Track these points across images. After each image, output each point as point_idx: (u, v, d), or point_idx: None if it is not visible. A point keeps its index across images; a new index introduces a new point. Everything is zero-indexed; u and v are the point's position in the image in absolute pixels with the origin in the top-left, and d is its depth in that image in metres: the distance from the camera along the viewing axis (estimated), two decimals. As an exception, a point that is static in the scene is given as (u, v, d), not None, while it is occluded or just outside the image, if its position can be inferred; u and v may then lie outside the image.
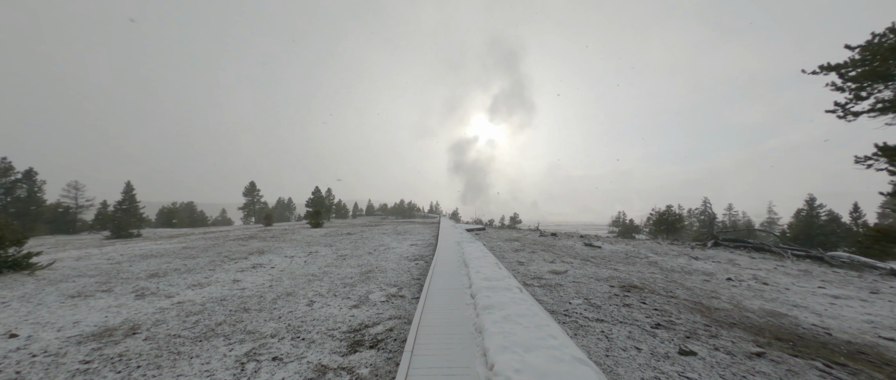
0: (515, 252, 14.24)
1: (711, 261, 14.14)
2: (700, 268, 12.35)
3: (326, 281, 8.90)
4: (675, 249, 17.84)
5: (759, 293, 8.94)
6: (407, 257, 12.69)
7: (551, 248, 16.27)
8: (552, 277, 9.13)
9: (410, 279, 8.90)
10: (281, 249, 15.60)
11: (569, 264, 11.40)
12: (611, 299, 6.94)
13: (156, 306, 6.72)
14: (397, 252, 14.20)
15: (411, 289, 7.82)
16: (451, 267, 9.28)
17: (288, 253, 14.32)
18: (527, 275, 9.52)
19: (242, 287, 8.30)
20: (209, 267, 11.00)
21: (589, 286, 8.11)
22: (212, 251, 14.83)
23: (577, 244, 18.51)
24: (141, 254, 14.12)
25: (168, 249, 15.51)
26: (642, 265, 12.27)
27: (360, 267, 10.87)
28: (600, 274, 9.84)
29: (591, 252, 15.43)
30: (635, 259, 13.70)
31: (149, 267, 11.00)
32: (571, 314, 5.82)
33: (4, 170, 24.75)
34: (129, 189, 35.45)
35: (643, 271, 10.90)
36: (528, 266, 10.93)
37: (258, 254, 14.03)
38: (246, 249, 15.30)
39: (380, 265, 11.12)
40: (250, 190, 49.79)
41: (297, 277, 9.47)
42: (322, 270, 10.51)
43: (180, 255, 13.83)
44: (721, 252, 16.97)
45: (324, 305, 6.71)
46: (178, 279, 9.16)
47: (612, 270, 10.70)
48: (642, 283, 8.86)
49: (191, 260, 12.51)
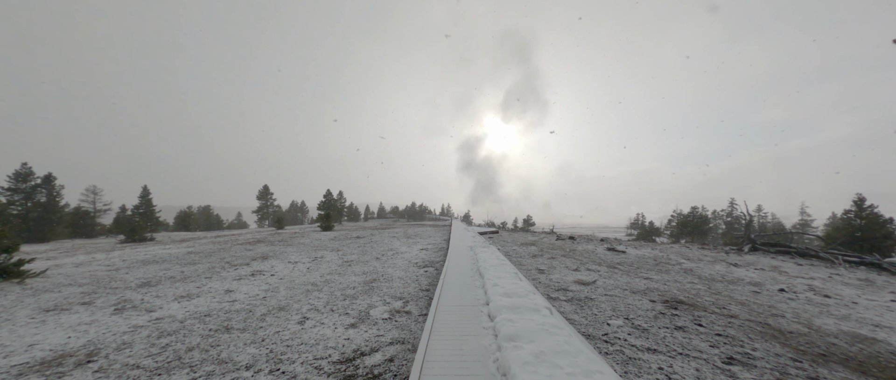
0: (533, 258, 13.05)
1: (753, 268, 12.62)
2: (743, 276, 10.91)
3: (326, 292, 7.98)
4: (707, 254, 16.27)
5: (824, 309, 7.55)
6: (416, 264, 11.69)
7: (571, 253, 15.00)
8: (579, 289, 7.95)
9: (418, 291, 7.88)
10: (286, 254, 14.85)
11: (595, 273, 10.17)
12: (657, 318, 5.74)
13: (131, 322, 5.90)
14: (406, 258, 13.23)
15: (419, 303, 6.80)
16: (464, 277, 8.21)
17: (292, 258, 13.53)
18: (550, 286, 8.36)
19: (233, 299, 7.45)
20: (206, 274, 10.26)
21: (626, 301, 6.90)
22: (215, 256, 14.19)
23: (599, 249, 17.15)
24: (144, 259, 13.57)
25: (173, 255, 14.97)
26: (677, 273, 10.92)
27: (364, 275, 9.93)
28: (634, 285, 8.58)
29: (615, 258, 14.09)
30: (667, 266, 12.33)
31: (145, 274, 10.34)
32: (614, 341, 4.67)
33: (25, 175, 25.02)
34: (145, 193, 35.74)
35: (681, 281, 9.58)
36: (549, 274, 9.75)
37: (261, 259, 13.29)
38: (250, 255, 14.60)
39: (386, 273, 10.16)
40: (264, 193, 49.89)
41: (295, 286, 8.59)
42: (324, 278, 9.61)
43: (182, 260, 13.20)
44: (760, 258, 15.34)
45: (317, 323, 5.75)
46: (168, 289, 8.39)
47: (646, 280, 9.42)
48: (687, 296, 7.58)
49: (190, 266, 11.84)
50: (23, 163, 25.01)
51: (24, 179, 24.98)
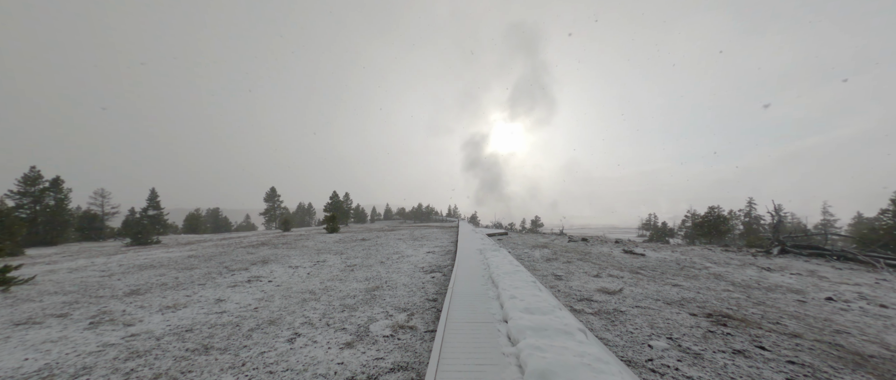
0: (547, 262, 12.15)
1: (788, 273, 11.54)
2: (780, 282, 9.86)
3: (324, 301, 7.23)
4: (733, 257, 15.16)
5: (888, 321, 6.55)
6: (422, 268, 10.90)
7: (587, 256, 14.05)
8: (605, 300, 7.05)
9: (424, 300, 7.08)
10: (288, 257, 14.19)
11: (618, 279, 9.24)
12: (707, 338, 4.84)
13: (102, 340, 5.22)
14: (412, 261, 12.45)
15: (425, 317, 6.00)
16: (475, 285, 7.39)
17: (293, 263, 12.86)
18: (571, 295, 7.48)
19: (223, 310, 6.74)
20: (201, 281, 9.61)
21: (662, 314, 6.00)
22: (215, 261, 13.60)
23: (615, 251, 16.15)
24: (141, 264, 13.04)
25: (172, 259, 14.43)
26: (707, 279, 9.93)
27: (367, 281, 9.17)
28: (666, 294, 7.65)
29: (635, 262, 13.11)
30: (693, 271, 11.32)
31: (137, 281, 9.73)
32: (662, 370, 3.81)
33: (33, 178, 24.94)
34: (153, 196, 35.66)
35: (715, 289, 8.61)
36: (568, 281, 8.86)
37: (261, 264, 12.64)
38: (251, 258, 13.98)
39: (390, 279, 9.39)
40: (271, 196, 49.69)
41: (292, 295, 7.86)
42: (324, 285, 8.88)
43: (180, 265, 12.63)
44: (792, 261, 14.18)
45: (309, 341, 4.99)
46: (156, 298, 7.74)
47: (676, 288, 8.48)
48: (730, 309, 6.64)
49: (187, 271, 11.23)
50: (31, 166, 24.95)
51: (33, 182, 24.89)
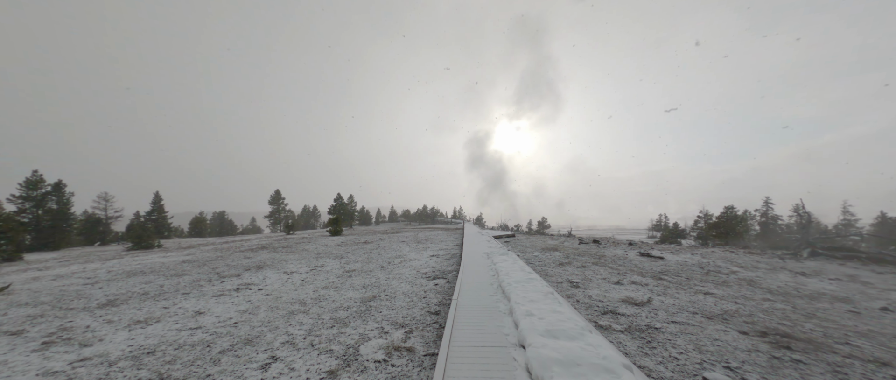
0: (560, 267, 11.19)
1: (826, 278, 10.43)
2: (821, 289, 8.79)
3: (313, 314, 6.40)
4: (760, 259, 14.04)
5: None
6: (425, 274, 10.02)
7: (602, 259, 13.05)
8: (633, 313, 6.10)
9: (425, 313, 6.20)
10: (285, 262, 13.43)
11: (642, 287, 8.27)
12: (774, 367, 3.89)
13: (46, 365, 4.43)
14: (414, 266, 11.59)
15: (425, 334, 5.12)
16: (483, 295, 6.50)
17: (289, 268, 12.08)
18: (592, 306, 6.54)
19: (198, 325, 5.94)
20: (186, 289, 8.85)
21: (706, 332, 5.05)
22: (209, 266, 12.88)
23: (631, 254, 15.11)
24: (131, 270, 12.36)
25: (166, 264, 13.76)
26: (739, 286, 8.90)
27: (364, 289, 8.32)
28: (702, 305, 6.67)
29: (654, 265, 12.08)
30: (720, 276, 10.28)
31: (118, 290, 9.01)
32: (732, 418, 2.89)
33: (35, 183, 24.63)
34: (157, 199, 35.34)
35: (753, 298, 7.59)
36: (586, 289, 7.91)
37: (256, 269, 11.88)
38: (246, 263, 13.24)
39: (390, 287, 8.53)
40: (276, 198, 49.27)
41: (279, 306, 7.04)
42: (317, 293, 8.05)
43: (171, 271, 11.92)
44: (825, 264, 13.03)
45: (286, 368, 4.14)
46: (130, 310, 6.97)
47: (708, 296, 7.48)
48: (783, 324, 5.65)
49: (175, 279, 10.50)
50: (33, 170, 24.65)
51: (35, 186, 24.58)
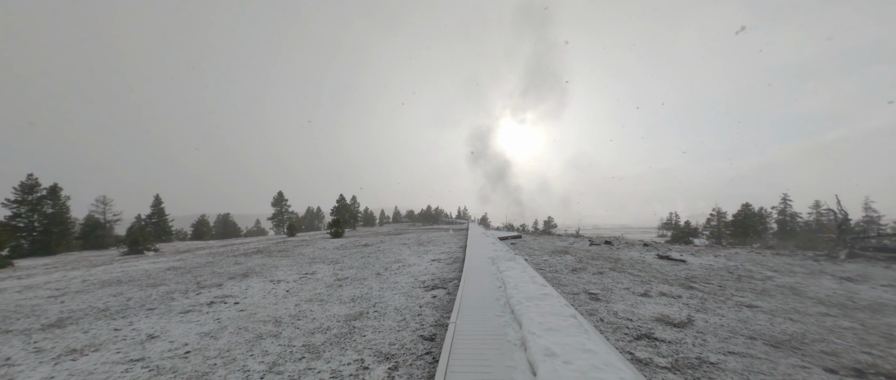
0: (574, 273, 9.97)
1: (876, 284, 9.10)
2: (878, 299, 7.46)
3: (285, 337, 5.30)
4: (791, 262, 12.68)
5: None
6: (423, 283, 8.88)
7: (619, 264, 11.80)
8: (675, 337, 4.89)
9: (417, 339, 5.06)
10: (275, 269, 12.39)
11: (673, 299, 7.04)
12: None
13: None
14: (413, 273, 10.46)
15: (412, 373, 3.99)
16: (488, 317, 5.34)
17: (278, 275, 11.03)
18: (620, 326, 5.35)
19: (142, 355, 4.86)
20: (153, 304, 7.81)
21: (781, 370, 3.83)
22: (192, 274, 11.89)
23: (648, 257, 13.83)
24: (109, 279, 11.41)
25: (149, 271, 12.80)
26: (783, 296, 7.62)
27: (353, 303, 7.21)
28: (756, 325, 5.43)
29: (678, 270, 10.82)
30: (755, 282, 9.00)
31: (78, 305, 8.00)
32: None
33: (30, 186, 23.97)
34: (157, 202, 34.68)
35: (808, 312, 6.33)
36: (610, 303, 6.71)
37: (241, 278, 10.85)
38: (233, 271, 12.23)
39: (382, 300, 7.41)
40: (278, 200, 48.51)
41: (250, 325, 5.96)
42: (298, 309, 6.96)
43: (150, 280, 10.94)
44: (868, 267, 11.63)
45: (221, 431, 3.04)
46: (73, 334, 5.92)
47: (758, 312, 6.23)
48: (866, 352, 4.40)
49: (150, 289, 9.50)
50: (29, 174, 24.00)
51: (30, 190, 23.93)
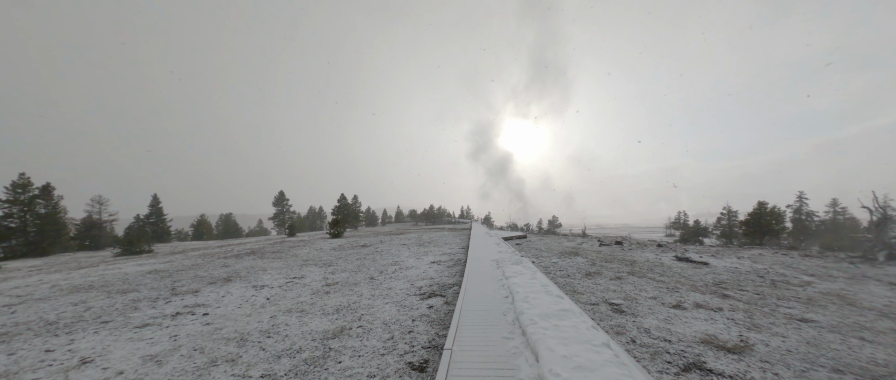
0: (588, 279, 8.87)
1: (937, 290, 7.89)
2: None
3: (245, 361, 4.28)
4: (825, 265, 11.46)
5: None
6: (419, 289, 7.83)
7: (635, 267, 10.68)
8: (736, 370, 3.78)
9: (404, 367, 4.01)
10: (262, 272, 11.41)
11: (714, 312, 5.92)
12: None
13: None
14: (410, 277, 9.43)
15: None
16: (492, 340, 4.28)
17: (263, 280, 10.04)
18: (659, 352, 4.25)
19: (63, 387, 3.87)
20: (110, 316, 6.84)
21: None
22: (172, 278, 10.94)
23: (665, 259, 12.68)
24: (81, 284, 10.48)
25: (127, 275, 11.88)
26: (838, 308, 6.48)
27: (337, 315, 6.19)
28: (832, 348, 4.32)
29: (702, 274, 9.67)
30: (794, 289, 7.84)
31: (28, 317, 7.03)
32: None
33: (22, 186, 23.26)
34: (155, 202, 33.96)
35: (876, 328, 5.20)
36: (637, 317, 5.61)
37: (222, 283, 9.87)
38: (216, 275, 11.26)
39: (371, 310, 6.37)
40: (280, 200, 47.72)
41: (208, 346, 4.95)
42: (272, 322, 5.95)
43: (123, 285, 10.00)
44: (915, 270, 10.41)
45: None
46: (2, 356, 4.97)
47: (821, 331, 5.11)
48: None
49: (118, 296, 8.54)
50: (20, 173, 23.29)
51: (22, 189, 23.21)
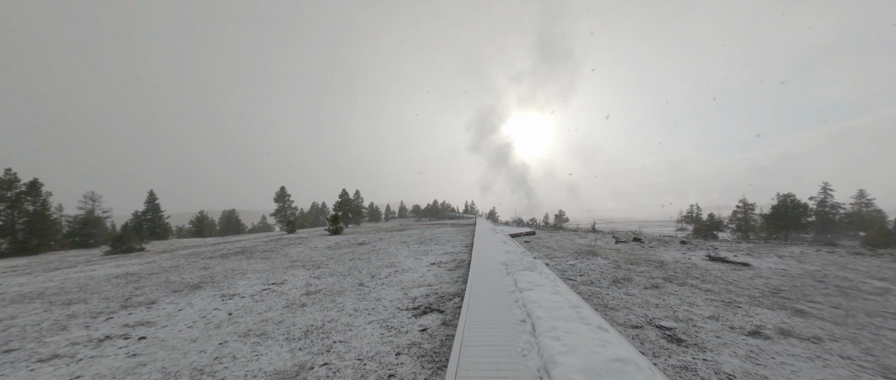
0: (617, 287, 7.28)
1: None
2: None
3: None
4: (887, 265, 9.74)
5: None
6: (413, 302, 6.31)
7: (665, 269, 9.05)
8: None
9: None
10: (242, 276, 10.01)
11: (812, 344, 4.32)
12: None
13: None
14: (405, 282, 7.93)
15: None
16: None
17: (236, 287, 8.61)
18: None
19: None
20: (20, 342, 5.43)
21: None
22: (140, 283, 9.58)
23: (695, 258, 11.03)
24: (30, 292, 9.13)
25: (90, 279, 10.55)
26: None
27: (301, 342, 4.70)
28: None
29: (751, 279, 8.02)
30: (873, 299, 6.17)
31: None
32: None
33: (9, 182, 22.13)
34: (152, 198, 32.86)
35: None
36: (708, 352, 4.03)
37: (188, 291, 8.46)
38: (190, 279, 9.88)
39: (348, 334, 4.88)
40: (281, 195, 46.51)
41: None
42: (215, 354, 4.47)
43: (76, 294, 8.64)
44: None
45: None
46: None
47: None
48: None
49: (57, 310, 7.15)
50: (6, 168, 22.15)
51: (9, 186, 22.09)
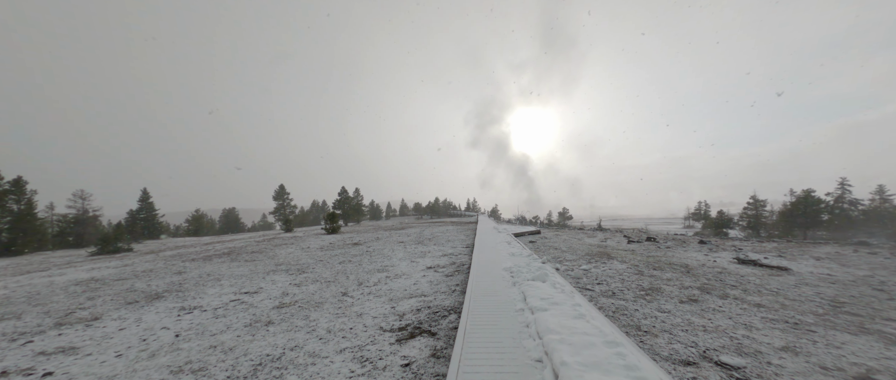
0: (648, 300, 6.05)
1: None
2: None
3: None
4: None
5: None
6: (400, 318, 5.12)
7: (694, 276, 7.81)
8: None
9: None
10: (215, 282, 8.89)
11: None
12: None
13: None
14: (395, 292, 6.75)
15: None
16: None
17: (202, 298, 7.47)
18: None
19: None
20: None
21: None
22: (97, 292, 8.48)
23: (722, 261, 9.78)
24: (-22, 300, 8.07)
25: (47, 286, 9.46)
26: None
27: None
28: None
29: (798, 288, 6.76)
30: None
31: None
32: None
33: (-8, 181, 21.15)
34: (145, 196, 31.88)
35: None
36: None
37: (146, 302, 7.33)
38: (156, 286, 8.77)
39: (310, 368, 3.71)
40: (280, 194, 45.47)
41: None
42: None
43: (24, 304, 7.54)
44: None
45: None
46: None
47: None
48: None
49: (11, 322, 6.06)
50: (-10, 167, 21.16)
51: (-8, 185, 21.12)
